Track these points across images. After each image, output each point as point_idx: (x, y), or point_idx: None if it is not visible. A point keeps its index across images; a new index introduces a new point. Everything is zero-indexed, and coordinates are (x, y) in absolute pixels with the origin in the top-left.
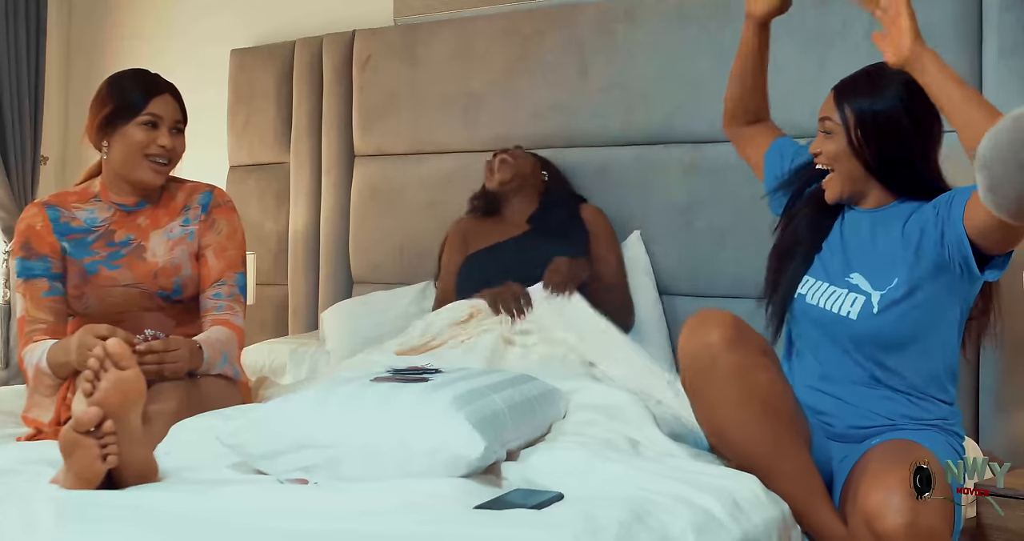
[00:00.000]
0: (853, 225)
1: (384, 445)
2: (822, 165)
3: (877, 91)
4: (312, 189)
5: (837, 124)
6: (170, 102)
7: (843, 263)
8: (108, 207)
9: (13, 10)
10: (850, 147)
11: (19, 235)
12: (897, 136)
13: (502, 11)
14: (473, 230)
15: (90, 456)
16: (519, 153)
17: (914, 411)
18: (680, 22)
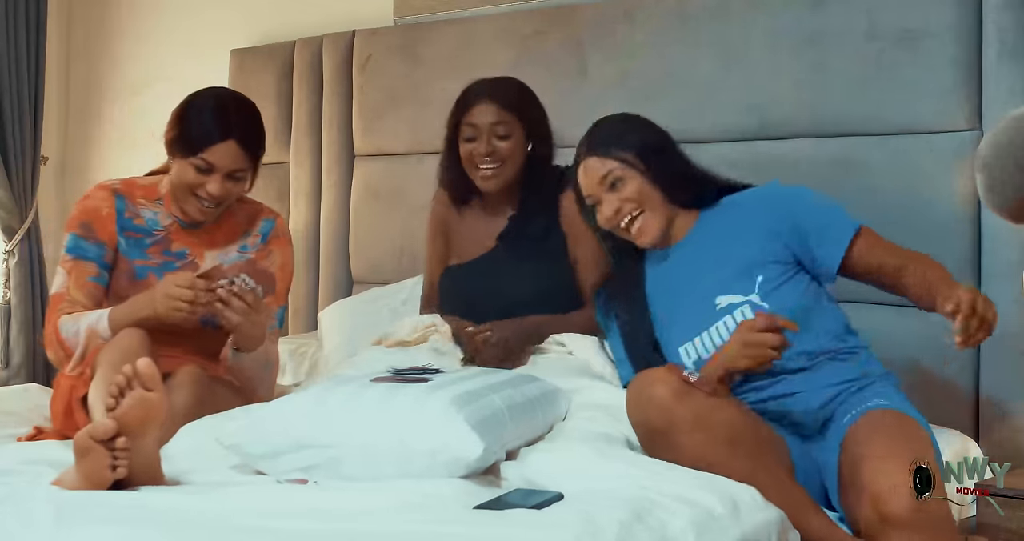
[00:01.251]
0: (680, 263)
1: (384, 445)
2: (630, 214)
3: (625, 133)
4: (312, 189)
5: (621, 169)
6: (232, 149)
7: (699, 301)
8: (169, 216)
9: (13, 10)
10: (646, 178)
11: (81, 212)
12: (663, 155)
13: (502, 11)
14: (453, 221)
15: (100, 464)
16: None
17: (843, 369)
18: (680, 22)
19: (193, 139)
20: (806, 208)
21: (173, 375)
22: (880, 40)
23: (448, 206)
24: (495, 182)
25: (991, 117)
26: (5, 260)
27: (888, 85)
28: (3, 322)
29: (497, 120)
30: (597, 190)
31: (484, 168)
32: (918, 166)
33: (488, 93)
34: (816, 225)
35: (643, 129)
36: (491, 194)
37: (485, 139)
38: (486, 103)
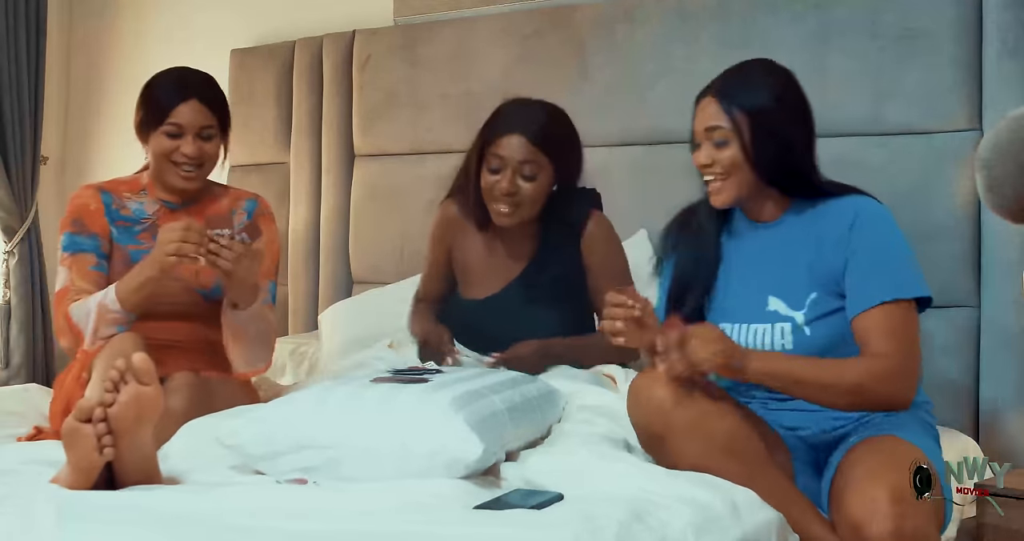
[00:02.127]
0: (752, 246)
1: (383, 446)
2: (713, 176)
3: (757, 91)
4: (312, 189)
5: (729, 131)
6: (196, 107)
7: (755, 292)
8: (155, 202)
9: (13, 10)
10: (743, 154)
11: (71, 212)
12: (784, 135)
13: (502, 11)
14: (462, 238)
15: (87, 446)
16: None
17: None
18: (680, 22)
19: (158, 108)
20: (869, 246)
21: (168, 380)
22: (880, 40)
23: (457, 224)
24: (510, 221)
25: (991, 117)
26: (5, 260)
27: (888, 85)
28: (3, 322)
29: (526, 158)
30: (701, 133)
31: (502, 207)
32: (918, 166)
33: (524, 125)
34: (862, 269)
35: (782, 94)
36: (509, 228)
37: (509, 176)
38: (519, 137)
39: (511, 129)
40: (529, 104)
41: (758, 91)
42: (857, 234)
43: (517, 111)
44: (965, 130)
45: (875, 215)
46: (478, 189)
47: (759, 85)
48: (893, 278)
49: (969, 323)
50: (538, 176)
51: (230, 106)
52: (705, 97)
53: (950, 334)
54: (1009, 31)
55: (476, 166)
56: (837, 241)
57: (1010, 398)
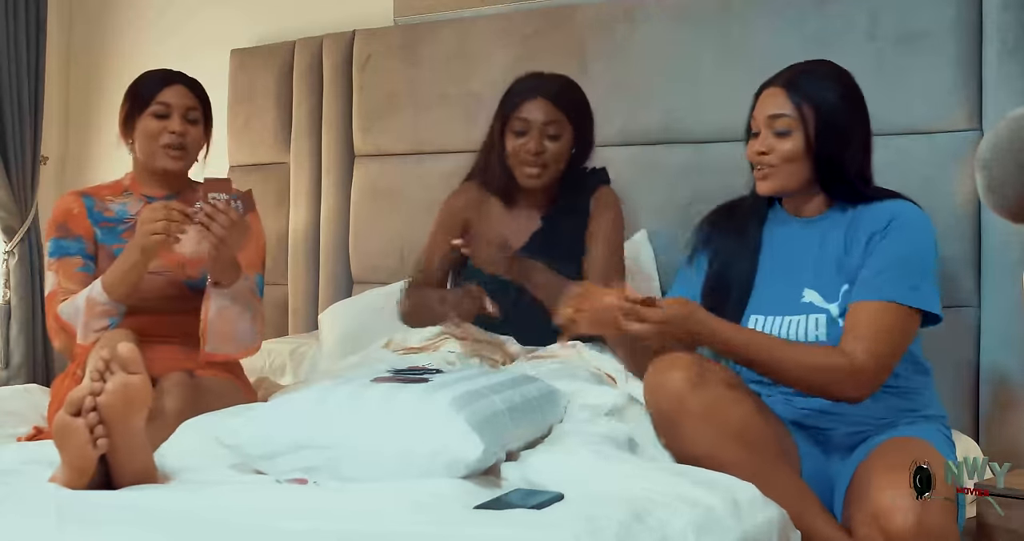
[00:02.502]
0: (792, 239)
1: (383, 446)
2: (765, 165)
3: (827, 85)
4: (312, 189)
5: (795, 120)
6: (182, 91)
7: (791, 283)
8: (139, 200)
9: (13, 10)
10: (805, 145)
11: (55, 218)
12: (845, 135)
13: (502, 11)
14: (480, 215)
15: (81, 441)
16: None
17: (899, 402)
18: (680, 22)
19: (145, 93)
20: (895, 245)
21: (161, 380)
22: (880, 40)
23: (475, 203)
24: (538, 181)
25: (991, 117)
26: (5, 260)
27: (888, 85)
28: (3, 322)
29: (550, 119)
30: (762, 121)
31: (530, 168)
32: (918, 166)
33: (544, 90)
34: (880, 263)
35: (847, 94)
36: (529, 191)
37: (536, 136)
38: (541, 100)
39: (532, 94)
40: (543, 75)
41: (827, 87)
42: (890, 233)
43: (534, 80)
44: (965, 130)
45: (912, 220)
46: (502, 157)
47: (828, 82)
48: (905, 282)
49: (969, 323)
50: (562, 136)
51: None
52: (771, 86)
53: (950, 334)
54: (1009, 31)
55: (499, 135)
56: (869, 240)
57: (1010, 398)
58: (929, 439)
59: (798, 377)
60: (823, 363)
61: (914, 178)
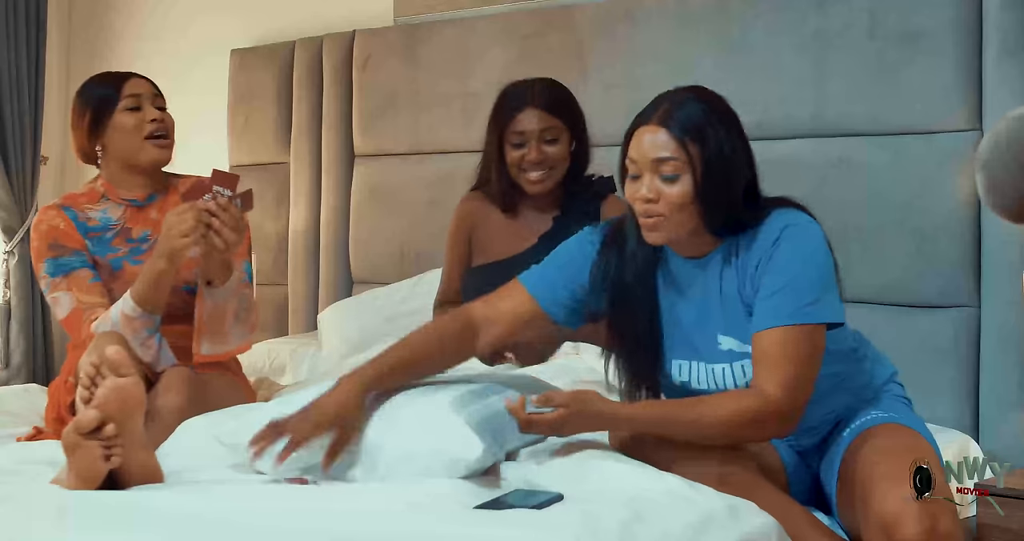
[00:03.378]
0: (692, 282)
1: (383, 446)
2: (653, 214)
3: (705, 118)
4: (312, 189)
5: (683, 164)
6: (140, 81)
7: (704, 330)
8: (119, 205)
9: (13, 10)
10: (695, 190)
11: (43, 237)
12: (732, 174)
13: (502, 11)
14: (483, 221)
15: (92, 456)
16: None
17: (845, 396)
18: (680, 22)
19: (108, 92)
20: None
21: (161, 377)
22: (880, 40)
23: (479, 210)
24: (545, 186)
25: (991, 117)
26: (5, 260)
27: (888, 85)
28: (3, 322)
29: (545, 126)
30: (645, 164)
31: (534, 175)
32: (918, 166)
33: (532, 98)
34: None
35: (727, 124)
36: (536, 198)
37: (535, 146)
38: (532, 109)
39: (522, 105)
40: (527, 82)
41: (705, 120)
42: (774, 255)
43: (520, 90)
44: (965, 130)
45: (793, 234)
46: (504, 170)
47: (704, 113)
48: (801, 300)
49: (969, 323)
50: (559, 138)
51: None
52: (648, 124)
53: (950, 334)
54: (1009, 31)
55: (498, 150)
56: (757, 267)
57: (1010, 398)
58: (904, 421)
59: (720, 433)
60: (737, 410)
61: (914, 178)
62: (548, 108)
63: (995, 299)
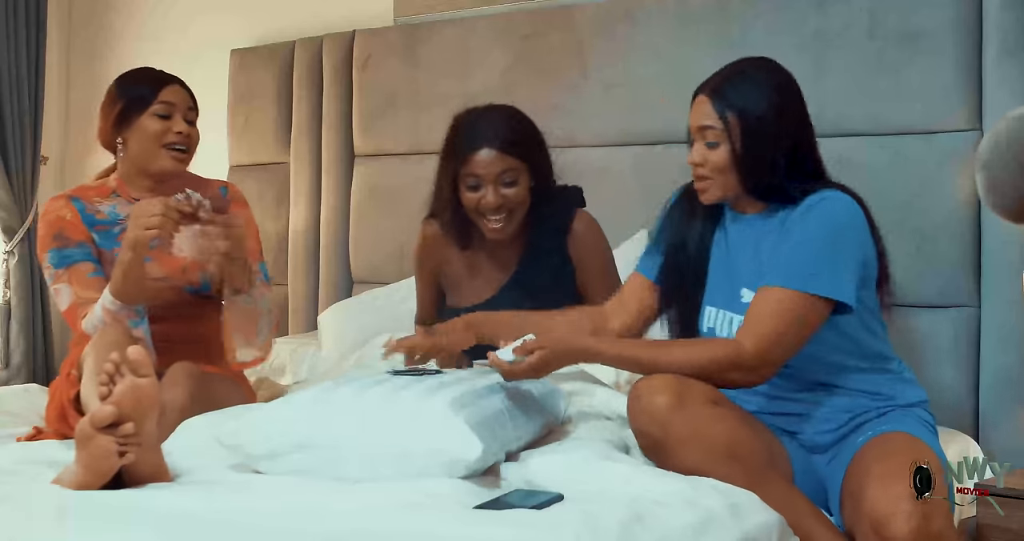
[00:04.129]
0: (738, 237)
1: (383, 446)
2: (700, 177)
3: (754, 93)
4: (312, 189)
5: (721, 132)
6: (180, 91)
7: (730, 282)
8: (128, 203)
9: (13, 10)
10: (732, 158)
11: (48, 227)
12: (773, 144)
13: (502, 11)
14: (448, 254)
15: (104, 451)
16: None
17: (866, 401)
18: (680, 22)
19: (142, 94)
20: (802, 232)
21: (167, 372)
22: (880, 40)
23: (440, 241)
24: (504, 232)
25: (991, 117)
26: (5, 260)
27: (888, 85)
28: (3, 322)
29: (503, 168)
30: (694, 131)
31: (493, 222)
32: (918, 166)
33: (488, 137)
34: (784, 250)
35: (779, 98)
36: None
37: (492, 189)
38: (488, 149)
39: (478, 144)
40: (485, 112)
41: (755, 94)
42: (800, 221)
43: (476, 123)
44: (965, 130)
45: (826, 208)
46: (458, 208)
47: (757, 87)
48: (804, 269)
49: (969, 323)
50: (518, 180)
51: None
52: (700, 94)
53: (950, 334)
54: (1009, 31)
55: (451, 186)
56: (790, 229)
57: (1010, 398)
58: (914, 432)
59: (692, 375)
60: (711, 359)
61: (914, 178)
62: (506, 148)
63: (995, 299)
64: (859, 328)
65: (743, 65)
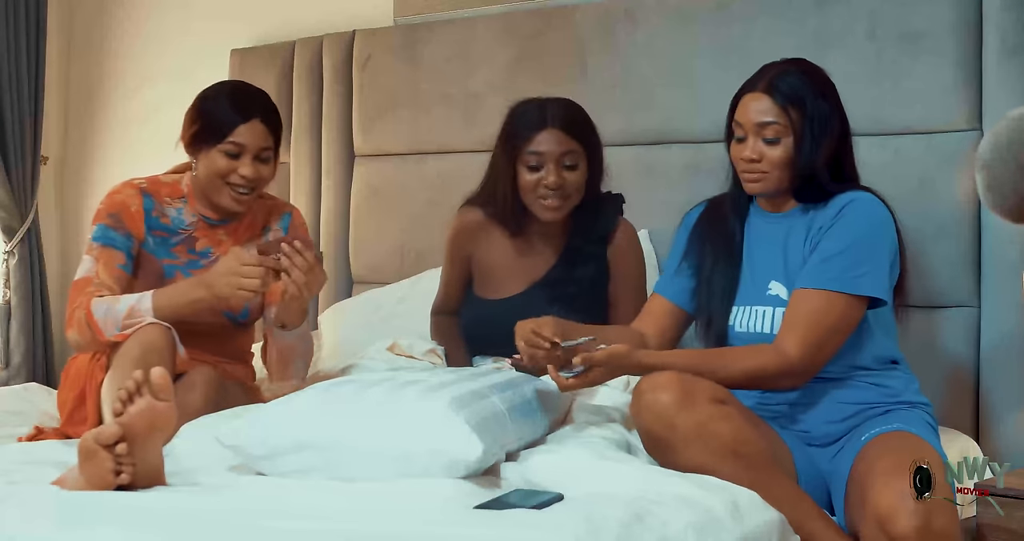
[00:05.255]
0: (763, 232)
1: (384, 446)
2: (756, 171)
3: (808, 87)
4: (312, 189)
5: (784, 127)
6: (258, 128)
7: (760, 275)
8: (193, 214)
9: (13, 10)
10: (796, 152)
11: (110, 205)
12: (828, 138)
13: (502, 11)
14: (484, 242)
15: (104, 469)
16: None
17: (871, 396)
18: (680, 22)
19: (219, 125)
20: (839, 233)
21: (186, 375)
22: (880, 40)
23: (480, 228)
24: (559, 213)
25: (991, 117)
26: (5, 260)
27: (888, 85)
28: (3, 322)
29: (566, 150)
30: (750, 127)
31: (550, 200)
32: (918, 166)
33: (554, 119)
34: (823, 251)
35: (828, 95)
36: (546, 223)
37: (554, 169)
38: (553, 130)
39: (543, 124)
40: (544, 101)
41: (808, 89)
42: (837, 223)
43: (538, 107)
44: (965, 130)
45: (859, 209)
46: (515, 192)
47: (808, 82)
48: (848, 270)
49: (969, 323)
50: (579, 165)
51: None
52: (754, 91)
53: (950, 334)
54: (1009, 31)
55: (508, 167)
56: (823, 227)
57: (1010, 398)
58: (917, 431)
59: (739, 383)
60: (757, 366)
61: (914, 178)
62: (569, 130)
63: (995, 299)
64: (876, 325)
65: (786, 65)
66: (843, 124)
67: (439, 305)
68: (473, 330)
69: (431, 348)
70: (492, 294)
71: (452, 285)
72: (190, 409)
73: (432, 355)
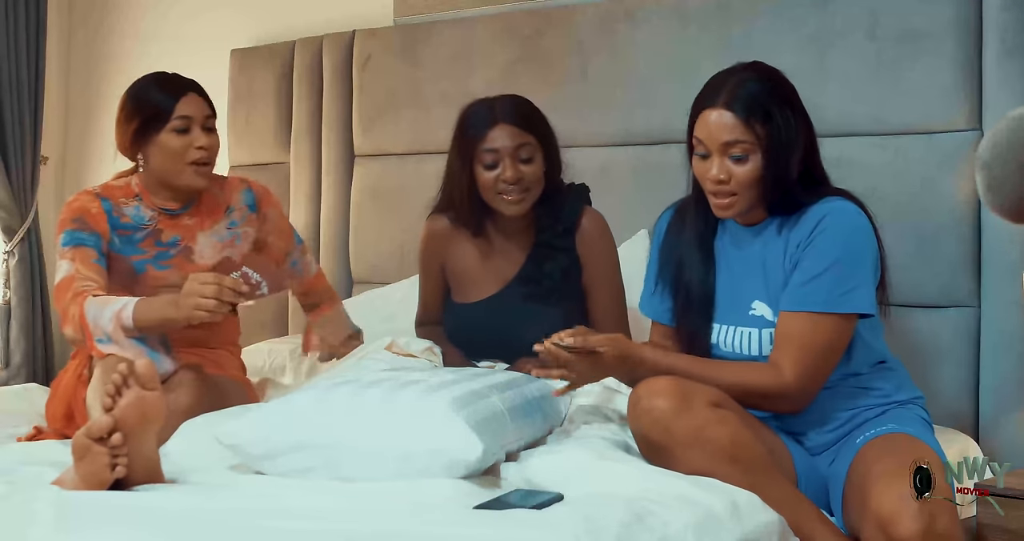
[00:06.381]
0: (738, 246)
1: (383, 446)
2: (724, 193)
3: (769, 97)
4: (312, 189)
5: (752, 145)
6: (196, 100)
7: (741, 294)
8: (151, 209)
9: (13, 10)
10: (761, 169)
11: (72, 212)
12: (794, 151)
13: (502, 11)
14: (454, 248)
15: (99, 463)
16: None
17: (865, 399)
18: (680, 22)
19: (159, 109)
20: (820, 251)
21: (173, 376)
22: (880, 40)
23: (447, 235)
24: (520, 207)
25: (991, 117)
26: (5, 260)
27: (888, 85)
28: (3, 322)
29: (520, 143)
30: (714, 146)
31: (512, 195)
32: (918, 166)
33: (504, 114)
34: (805, 271)
35: (789, 101)
36: (507, 221)
37: (510, 164)
38: (504, 125)
39: (493, 121)
40: (496, 98)
41: (773, 102)
42: (814, 240)
43: (487, 106)
44: (965, 130)
45: (839, 221)
46: (473, 191)
47: (771, 95)
48: (835, 289)
49: (969, 323)
50: (534, 157)
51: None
52: (715, 107)
53: (950, 334)
54: (1009, 31)
55: (465, 172)
56: (796, 249)
57: (1010, 398)
58: (914, 432)
59: (736, 396)
60: (756, 383)
61: (914, 178)
62: (520, 124)
63: (995, 299)
64: (865, 330)
65: (743, 74)
66: (809, 129)
67: (420, 317)
68: (455, 336)
69: (428, 346)
70: (469, 298)
71: (430, 295)
72: (179, 408)
73: (429, 352)
